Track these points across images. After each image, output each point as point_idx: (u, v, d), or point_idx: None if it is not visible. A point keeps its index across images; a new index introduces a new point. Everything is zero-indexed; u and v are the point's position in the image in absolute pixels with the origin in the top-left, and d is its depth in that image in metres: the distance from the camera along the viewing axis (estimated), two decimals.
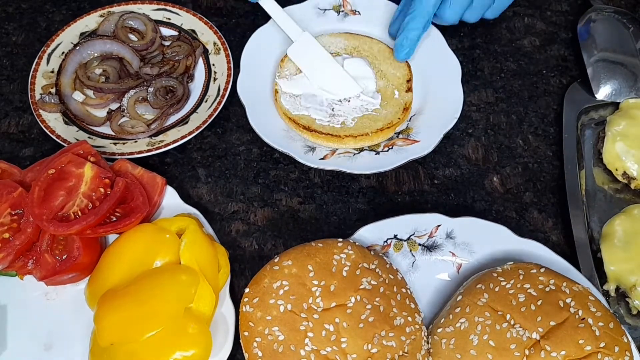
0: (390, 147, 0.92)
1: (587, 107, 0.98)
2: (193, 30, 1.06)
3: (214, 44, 1.03)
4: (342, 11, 1.05)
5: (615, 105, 0.98)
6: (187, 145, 0.97)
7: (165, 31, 1.06)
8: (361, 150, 0.92)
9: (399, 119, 0.94)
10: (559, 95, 1.01)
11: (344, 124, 0.93)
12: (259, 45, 1.01)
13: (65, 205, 0.81)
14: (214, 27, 1.04)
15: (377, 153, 0.92)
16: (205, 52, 1.04)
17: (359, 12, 1.05)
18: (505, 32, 1.08)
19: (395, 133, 0.95)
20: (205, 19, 1.05)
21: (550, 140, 0.97)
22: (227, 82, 0.99)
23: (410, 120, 0.96)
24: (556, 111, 1.00)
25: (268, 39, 1.02)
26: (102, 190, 0.82)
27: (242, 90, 0.95)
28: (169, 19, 1.06)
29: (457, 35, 1.07)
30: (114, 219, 0.83)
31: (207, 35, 1.04)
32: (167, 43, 1.04)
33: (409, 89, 0.97)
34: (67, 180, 0.83)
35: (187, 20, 1.06)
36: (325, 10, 1.05)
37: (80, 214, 0.81)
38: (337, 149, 0.92)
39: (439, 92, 0.97)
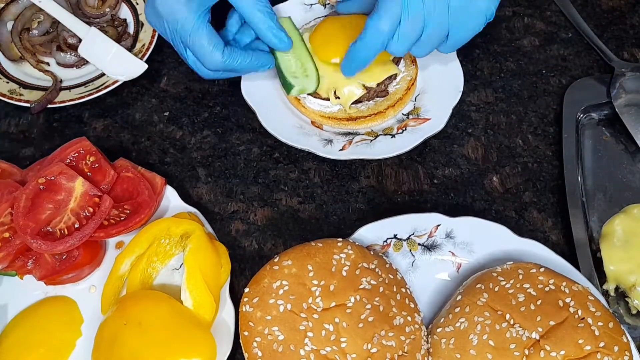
0: (404, 128, 0.94)
1: (587, 107, 0.98)
2: None
3: None
4: (328, 4, 1.06)
5: (611, 105, 0.96)
6: (187, 145, 0.97)
7: None
8: (377, 136, 0.94)
9: (407, 89, 0.96)
10: (559, 95, 1.01)
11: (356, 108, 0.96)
12: None
13: (52, 220, 0.81)
14: None
15: (393, 136, 0.94)
16: None
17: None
18: (504, 32, 1.08)
19: (405, 114, 0.97)
20: None
21: (549, 140, 0.97)
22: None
23: (416, 100, 0.98)
24: (556, 111, 1.00)
25: None
26: (90, 209, 0.81)
27: (249, 95, 0.95)
28: None
29: None
30: (123, 217, 0.83)
31: None
32: None
33: (413, 62, 0.99)
34: (57, 193, 0.83)
35: None
36: (312, 4, 1.07)
37: (66, 231, 0.80)
38: (353, 139, 0.93)
39: (438, 70, 0.99)
